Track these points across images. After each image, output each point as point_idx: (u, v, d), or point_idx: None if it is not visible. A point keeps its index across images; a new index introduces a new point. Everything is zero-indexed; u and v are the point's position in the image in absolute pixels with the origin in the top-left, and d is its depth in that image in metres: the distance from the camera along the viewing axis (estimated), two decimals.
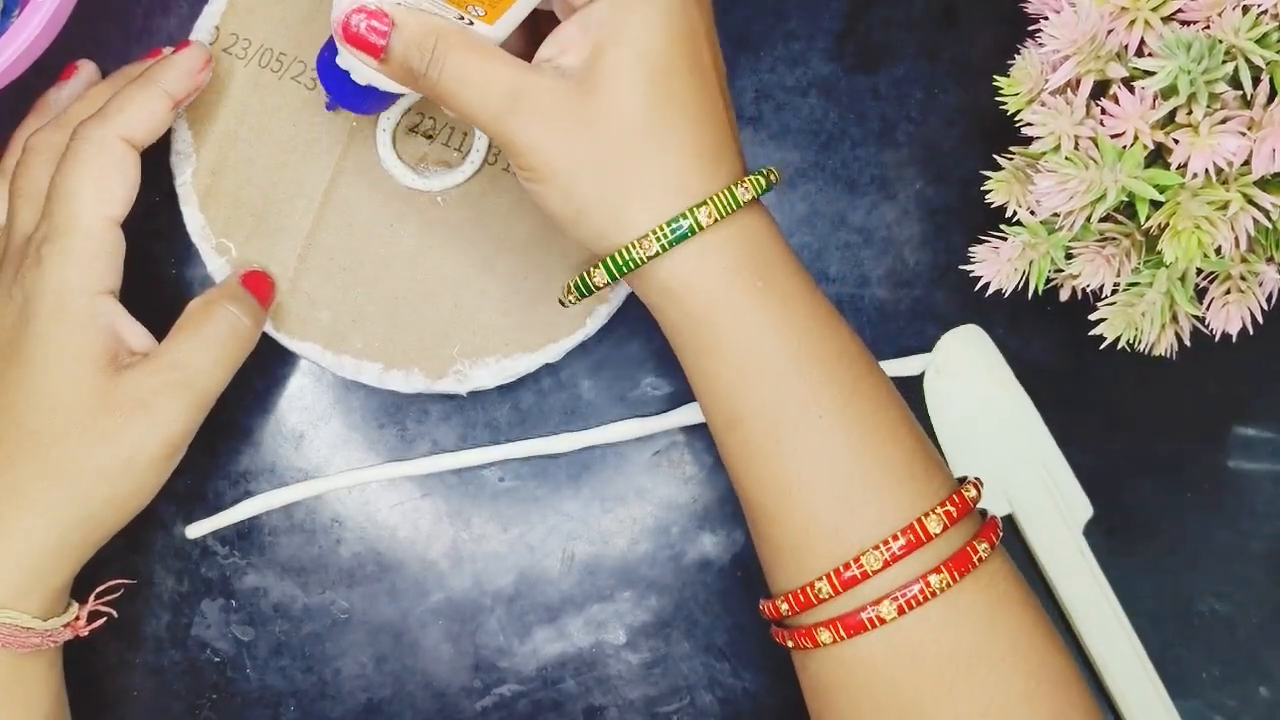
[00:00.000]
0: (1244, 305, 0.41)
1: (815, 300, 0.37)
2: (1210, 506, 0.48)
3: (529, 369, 0.46)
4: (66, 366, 0.39)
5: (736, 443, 0.37)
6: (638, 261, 0.36)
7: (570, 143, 0.35)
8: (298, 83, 0.45)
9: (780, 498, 0.37)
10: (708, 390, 0.37)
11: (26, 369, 0.39)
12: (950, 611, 0.35)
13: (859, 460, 0.36)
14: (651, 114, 0.35)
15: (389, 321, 0.45)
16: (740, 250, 0.36)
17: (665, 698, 0.47)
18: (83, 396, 0.39)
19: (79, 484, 0.39)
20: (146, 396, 0.39)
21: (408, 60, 0.36)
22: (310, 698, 0.47)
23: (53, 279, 0.39)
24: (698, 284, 0.36)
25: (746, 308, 0.36)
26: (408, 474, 0.48)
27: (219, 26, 0.45)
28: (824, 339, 0.37)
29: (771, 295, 0.36)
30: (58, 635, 0.40)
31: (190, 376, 0.40)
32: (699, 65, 0.36)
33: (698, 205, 0.35)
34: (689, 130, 0.36)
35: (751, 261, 0.36)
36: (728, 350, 0.36)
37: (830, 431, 0.36)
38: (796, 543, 0.37)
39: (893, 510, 0.36)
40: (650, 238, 0.35)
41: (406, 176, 0.46)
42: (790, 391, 0.36)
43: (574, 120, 0.35)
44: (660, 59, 0.35)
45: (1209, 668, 0.47)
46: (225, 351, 0.41)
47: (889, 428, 0.37)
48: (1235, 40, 0.36)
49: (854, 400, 0.36)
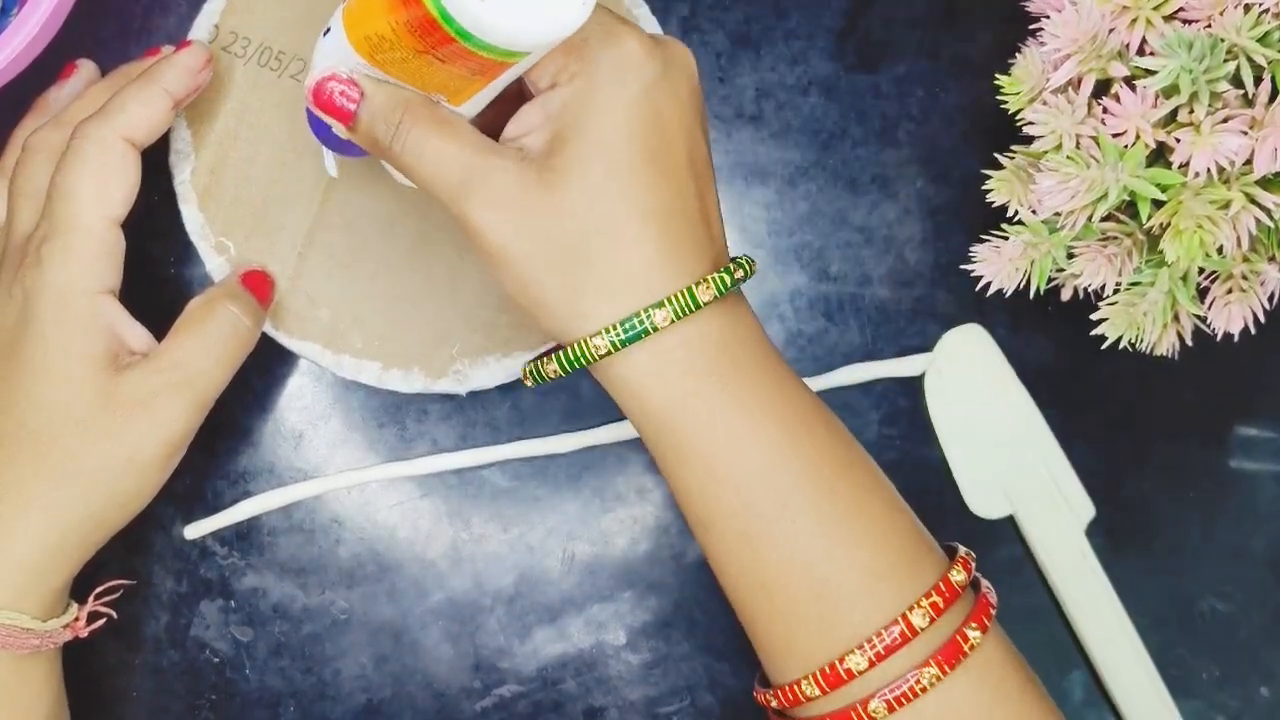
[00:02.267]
0: (1246, 305, 0.41)
1: (785, 400, 0.36)
2: (1212, 506, 0.48)
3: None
4: (67, 366, 0.38)
5: (711, 543, 0.36)
6: (590, 358, 0.35)
7: (525, 231, 0.34)
8: (297, 81, 0.45)
9: (759, 599, 0.36)
10: (677, 489, 0.36)
11: (26, 369, 0.38)
12: (944, 706, 0.34)
13: (835, 562, 0.35)
14: (610, 210, 0.34)
15: (389, 321, 0.45)
16: (700, 352, 0.35)
17: (665, 698, 0.47)
18: (83, 396, 0.38)
19: (79, 483, 0.39)
20: (147, 396, 0.39)
21: (373, 130, 0.36)
22: (310, 698, 0.47)
23: (53, 278, 0.38)
24: (656, 386, 0.35)
25: (707, 413, 0.35)
26: (407, 474, 0.48)
27: (218, 25, 0.45)
28: (793, 441, 0.35)
29: (734, 400, 0.35)
30: (57, 636, 0.40)
31: (190, 376, 0.40)
32: (666, 156, 0.35)
33: (655, 305, 0.34)
34: (650, 226, 0.34)
35: (713, 363, 0.35)
36: (691, 453, 0.35)
37: (804, 535, 0.35)
38: (780, 643, 0.36)
39: (875, 608, 0.35)
40: (603, 336, 0.34)
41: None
42: (759, 498, 0.35)
43: (530, 209, 0.34)
44: (620, 152, 0.34)
45: (1210, 668, 0.47)
46: (225, 351, 0.41)
47: (866, 523, 0.36)
48: (1237, 39, 0.36)
49: (828, 501, 0.35)
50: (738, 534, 0.35)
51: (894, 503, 0.37)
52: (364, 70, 0.35)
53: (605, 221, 0.34)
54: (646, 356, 0.35)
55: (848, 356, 0.48)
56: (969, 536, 0.45)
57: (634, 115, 0.34)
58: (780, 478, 0.35)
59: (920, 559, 0.36)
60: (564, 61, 0.35)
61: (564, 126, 0.35)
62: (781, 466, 0.35)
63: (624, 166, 0.34)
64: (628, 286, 0.34)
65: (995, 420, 0.48)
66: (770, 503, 0.35)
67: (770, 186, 0.49)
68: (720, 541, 0.36)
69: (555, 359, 0.36)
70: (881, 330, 0.48)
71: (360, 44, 0.34)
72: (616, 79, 0.34)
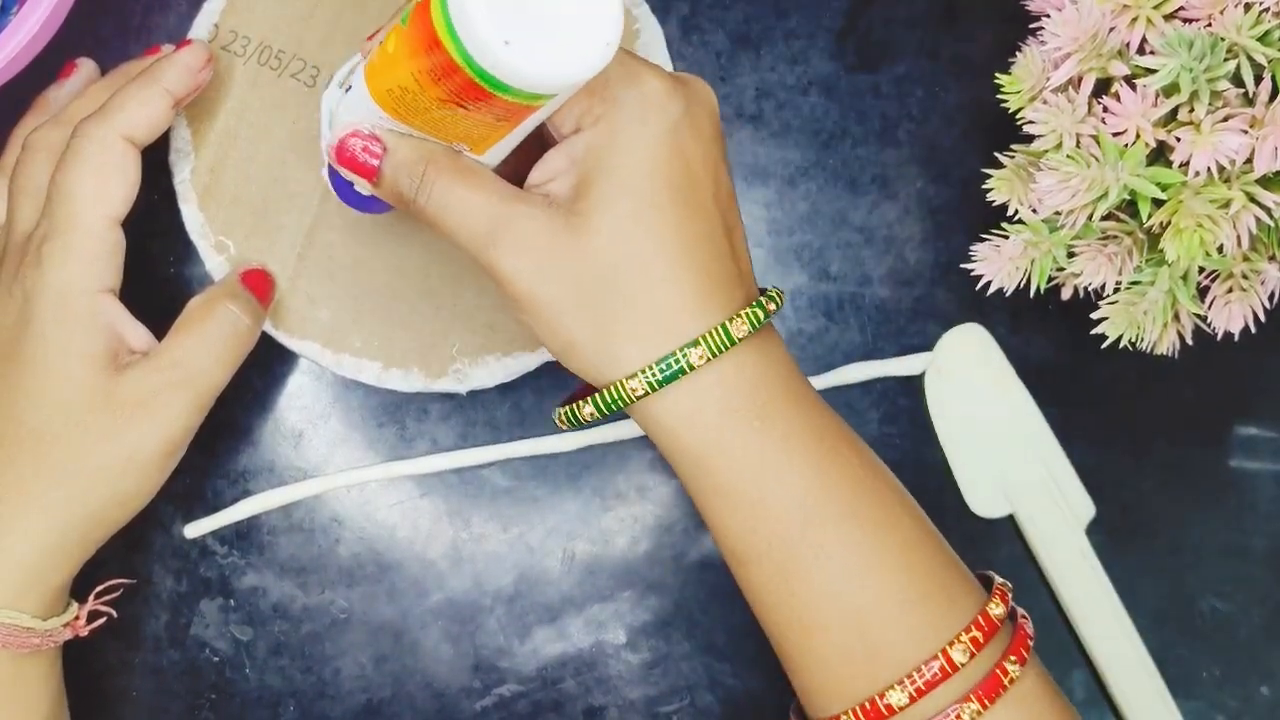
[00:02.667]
0: (1246, 304, 0.41)
1: (818, 432, 0.36)
2: (1212, 506, 0.48)
3: (528, 368, 0.45)
4: (67, 365, 0.38)
5: (748, 579, 0.36)
6: (626, 400, 0.35)
7: (553, 276, 0.34)
8: (297, 80, 0.45)
9: (798, 635, 0.36)
10: (714, 525, 0.36)
11: (27, 368, 0.38)
12: None
13: (874, 597, 0.35)
14: (638, 251, 0.34)
15: (388, 320, 0.45)
16: (736, 389, 0.35)
17: (665, 698, 0.47)
18: (83, 395, 0.38)
19: (79, 483, 0.39)
20: (147, 395, 0.39)
21: (397, 185, 0.36)
22: (309, 698, 0.47)
23: (53, 277, 0.38)
24: (693, 425, 0.35)
25: (743, 450, 0.35)
26: (407, 473, 0.48)
27: (218, 24, 0.45)
28: (829, 476, 0.35)
29: (770, 436, 0.35)
30: (57, 635, 0.40)
31: (191, 375, 0.40)
32: (692, 193, 0.35)
33: (690, 344, 0.34)
34: (679, 265, 0.34)
35: (748, 400, 0.35)
36: (728, 490, 0.35)
37: (839, 570, 0.35)
38: (818, 678, 0.36)
39: (913, 643, 0.35)
40: (639, 378, 0.34)
41: None
42: (796, 533, 0.35)
43: (558, 255, 0.34)
44: (646, 192, 0.34)
45: (1211, 667, 0.47)
46: (225, 350, 0.41)
47: (905, 558, 0.35)
48: (1237, 38, 0.36)
49: (866, 536, 0.35)
50: (775, 568, 0.35)
51: (927, 533, 0.37)
52: (386, 124, 0.35)
53: (634, 262, 0.34)
54: (683, 396, 0.35)
55: (848, 356, 0.48)
56: (969, 536, 0.45)
57: (658, 154, 0.34)
58: (817, 511, 0.35)
59: (956, 590, 0.36)
60: (587, 104, 0.35)
61: (589, 169, 0.34)
62: (820, 498, 0.35)
63: (650, 206, 0.34)
64: (660, 327, 0.34)
65: (995, 420, 0.48)
66: (805, 536, 0.35)
67: (770, 186, 0.49)
68: (757, 576, 0.36)
69: (591, 402, 0.35)
70: (881, 330, 0.48)
71: (383, 97, 0.34)
72: (639, 119, 0.34)
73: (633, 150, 0.34)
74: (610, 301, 0.34)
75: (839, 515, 0.35)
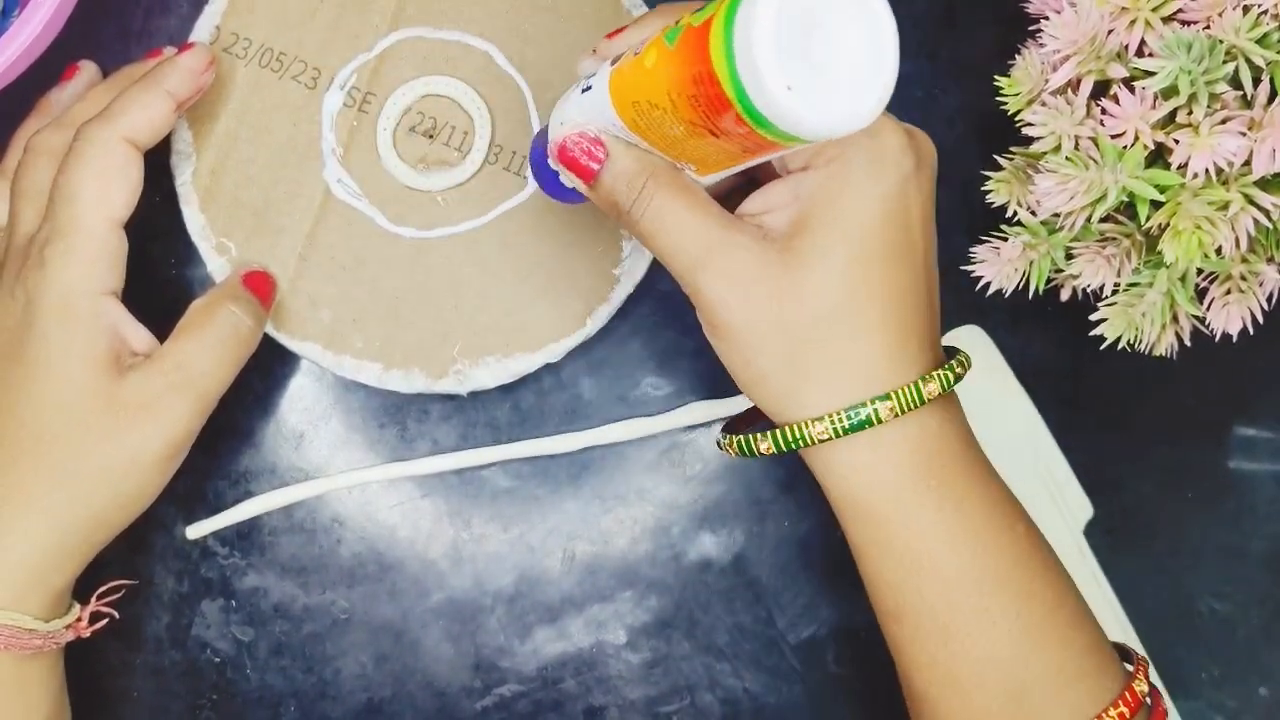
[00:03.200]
0: (1244, 305, 0.41)
1: (991, 499, 0.36)
2: (1211, 507, 0.48)
3: (529, 369, 0.46)
4: (69, 367, 0.38)
5: (903, 633, 0.37)
6: (807, 441, 0.35)
7: (759, 311, 0.34)
8: (298, 82, 0.45)
9: (950, 694, 0.36)
10: (873, 579, 0.37)
11: (29, 370, 0.38)
12: None
13: (1030, 664, 0.35)
14: (849, 298, 0.34)
15: (389, 321, 0.45)
16: (918, 448, 0.35)
17: (665, 698, 0.47)
18: (85, 397, 0.38)
19: (82, 484, 0.39)
20: (149, 398, 0.39)
21: (614, 194, 0.35)
22: (310, 698, 0.47)
23: (55, 280, 0.38)
24: (868, 477, 0.35)
25: (917, 509, 0.35)
26: (408, 474, 0.48)
27: (219, 26, 0.45)
28: (999, 543, 0.35)
29: (946, 498, 0.35)
30: (59, 637, 0.40)
31: (193, 377, 0.40)
32: (908, 250, 0.35)
33: (880, 397, 0.34)
34: (885, 318, 0.35)
35: (928, 460, 0.35)
36: (897, 547, 0.35)
37: (1003, 637, 0.35)
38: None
39: (1065, 714, 0.35)
40: (825, 421, 0.34)
41: (407, 176, 0.46)
42: (961, 596, 0.35)
43: (767, 289, 0.34)
44: (868, 242, 0.34)
45: (1209, 668, 0.47)
46: (227, 352, 0.41)
47: (1062, 629, 0.36)
48: (1236, 40, 0.36)
49: (1028, 605, 0.35)
50: (934, 629, 0.36)
51: (1082, 608, 0.37)
52: (616, 131, 0.35)
53: (843, 309, 0.34)
54: (863, 447, 0.35)
55: None
56: None
57: (887, 209, 0.34)
58: (985, 576, 0.35)
59: (1104, 664, 0.36)
60: (822, 145, 0.35)
61: (813, 209, 0.34)
62: (989, 564, 0.35)
63: (869, 257, 0.34)
64: (855, 375, 0.35)
65: (994, 420, 0.48)
66: (972, 601, 0.35)
67: None
68: (913, 634, 0.36)
69: (770, 437, 0.36)
70: None
71: (625, 108, 0.34)
72: (874, 171, 0.34)
73: (861, 201, 0.34)
74: (810, 343, 0.34)
75: (1008, 585, 0.35)
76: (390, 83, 0.46)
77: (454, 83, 0.46)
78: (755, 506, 0.48)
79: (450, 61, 0.46)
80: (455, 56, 0.46)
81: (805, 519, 0.48)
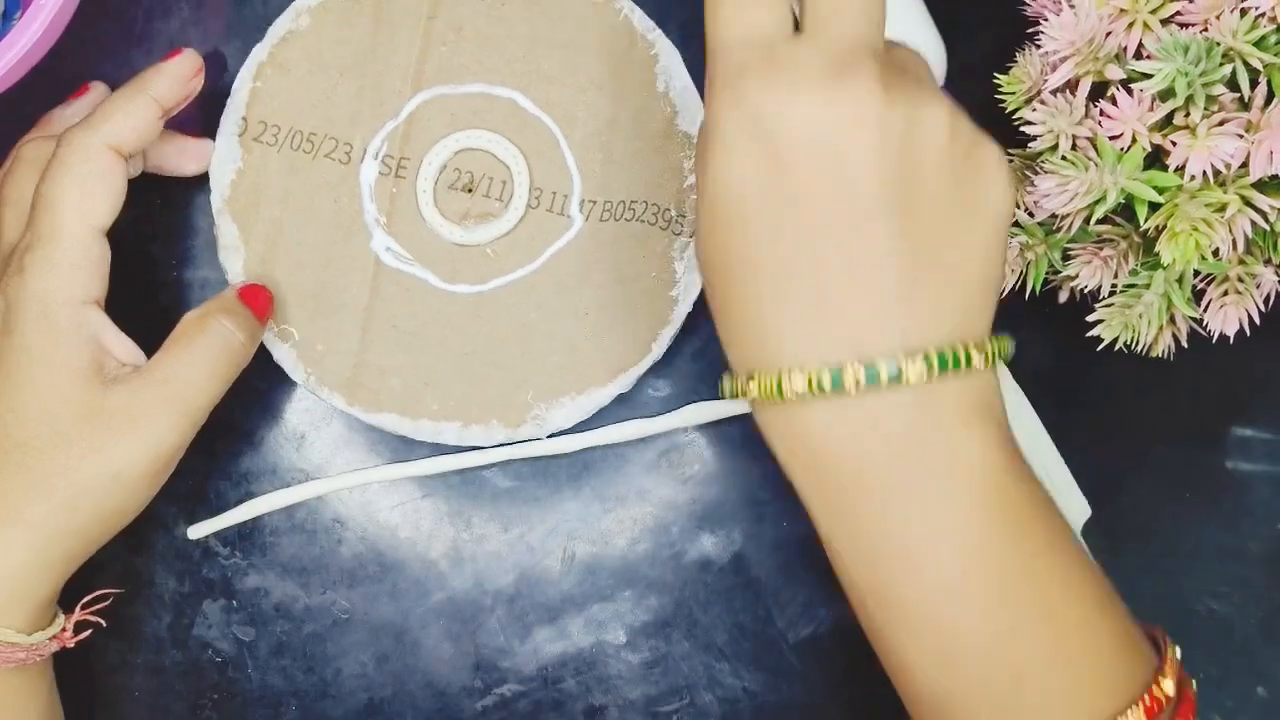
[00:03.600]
0: (1241, 307, 0.41)
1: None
2: (1208, 508, 0.48)
3: (605, 402, 0.46)
4: (52, 378, 0.38)
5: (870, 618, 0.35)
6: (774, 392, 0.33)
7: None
8: (332, 159, 0.45)
9: (937, 671, 0.34)
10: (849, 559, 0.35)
11: (11, 380, 0.38)
12: None
13: (1033, 666, 0.33)
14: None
15: (461, 379, 0.45)
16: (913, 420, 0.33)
17: (665, 697, 0.48)
18: (69, 408, 0.38)
19: (65, 497, 0.38)
20: (135, 411, 0.38)
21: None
22: (311, 697, 0.47)
23: (35, 288, 0.38)
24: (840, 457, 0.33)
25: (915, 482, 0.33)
26: (409, 475, 0.48)
27: (245, 117, 0.45)
28: (981, 549, 0.33)
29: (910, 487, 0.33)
30: (44, 649, 0.39)
31: (181, 391, 0.39)
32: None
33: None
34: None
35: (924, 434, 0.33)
36: (856, 536, 0.34)
37: (1006, 633, 0.33)
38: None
39: (1080, 712, 0.33)
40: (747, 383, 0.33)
41: (454, 233, 0.46)
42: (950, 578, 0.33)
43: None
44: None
45: (1207, 668, 0.48)
46: (218, 366, 0.40)
47: (1070, 627, 0.34)
48: (1233, 43, 0.36)
49: (1030, 602, 0.33)
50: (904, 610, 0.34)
51: (1100, 599, 0.35)
52: None
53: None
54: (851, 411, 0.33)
55: None
56: None
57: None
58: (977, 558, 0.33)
59: (1124, 663, 0.34)
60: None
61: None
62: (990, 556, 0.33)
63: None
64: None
65: None
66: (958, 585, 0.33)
67: None
68: (877, 614, 0.35)
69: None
70: None
71: None
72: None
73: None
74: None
75: (1009, 583, 0.33)
76: (422, 144, 0.45)
77: (485, 134, 0.46)
78: (754, 507, 0.48)
79: (478, 114, 0.46)
80: (481, 108, 0.46)
81: (804, 519, 0.48)
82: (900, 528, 0.33)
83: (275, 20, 0.46)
